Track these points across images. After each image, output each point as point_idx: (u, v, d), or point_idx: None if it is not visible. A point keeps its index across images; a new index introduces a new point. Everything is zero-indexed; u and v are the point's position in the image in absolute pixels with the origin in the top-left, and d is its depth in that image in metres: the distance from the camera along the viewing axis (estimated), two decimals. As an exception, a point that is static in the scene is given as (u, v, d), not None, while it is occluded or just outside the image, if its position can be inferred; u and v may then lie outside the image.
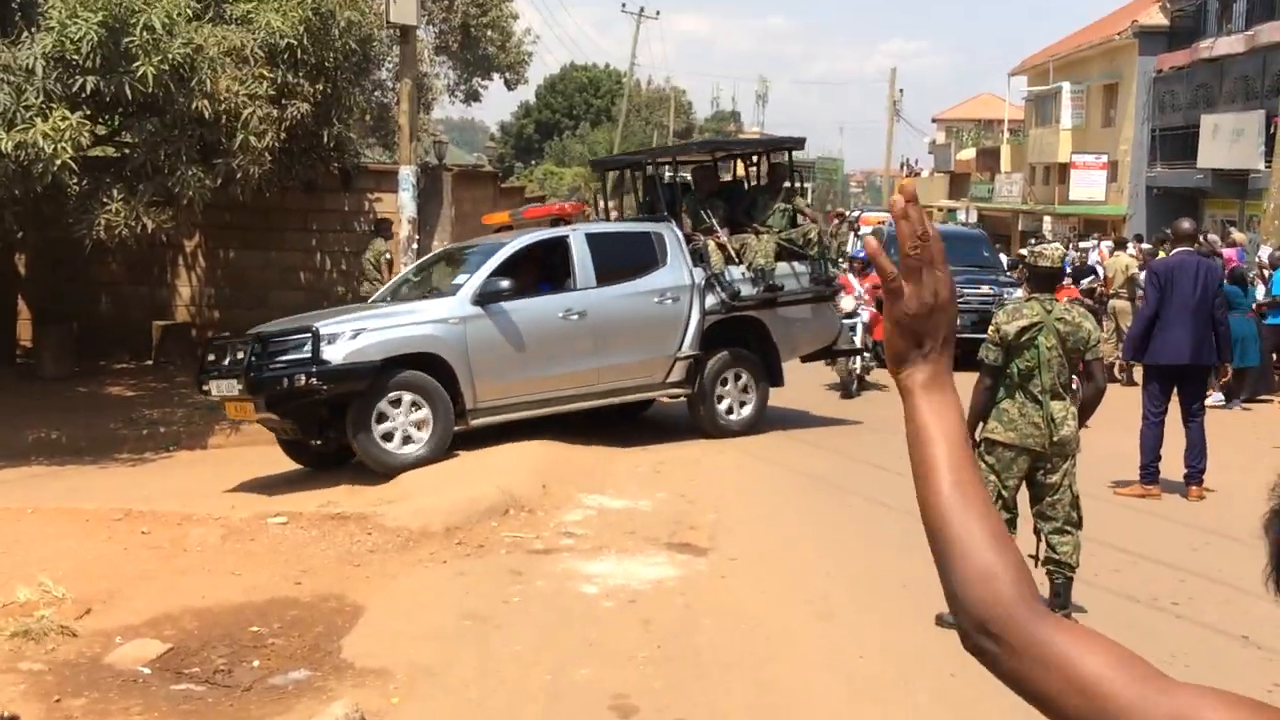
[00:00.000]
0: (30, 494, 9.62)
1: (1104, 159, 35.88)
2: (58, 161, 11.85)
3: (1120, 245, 19.11)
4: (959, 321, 7.58)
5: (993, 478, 6.29)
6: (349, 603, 6.73)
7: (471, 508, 8.53)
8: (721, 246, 11.71)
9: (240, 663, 5.89)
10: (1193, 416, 9.76)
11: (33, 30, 12.17)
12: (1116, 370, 14.88)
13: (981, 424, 6.40)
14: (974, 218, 40.77)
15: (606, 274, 11.25)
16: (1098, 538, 6.67)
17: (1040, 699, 1.15)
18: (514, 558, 7.66)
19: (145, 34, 13.69)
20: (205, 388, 10.38)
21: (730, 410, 11.80)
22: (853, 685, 5.58)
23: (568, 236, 11.38)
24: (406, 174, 17.24)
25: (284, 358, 9.79)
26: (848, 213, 28.11)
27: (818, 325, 12.64)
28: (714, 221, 12.06)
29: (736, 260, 11.77)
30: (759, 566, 7.49)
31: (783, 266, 12.06)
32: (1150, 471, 9.61)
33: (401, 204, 17.03)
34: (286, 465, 10.96)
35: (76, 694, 5.33)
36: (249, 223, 17.13)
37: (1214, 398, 12.87)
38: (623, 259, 11.45)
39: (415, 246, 17.54)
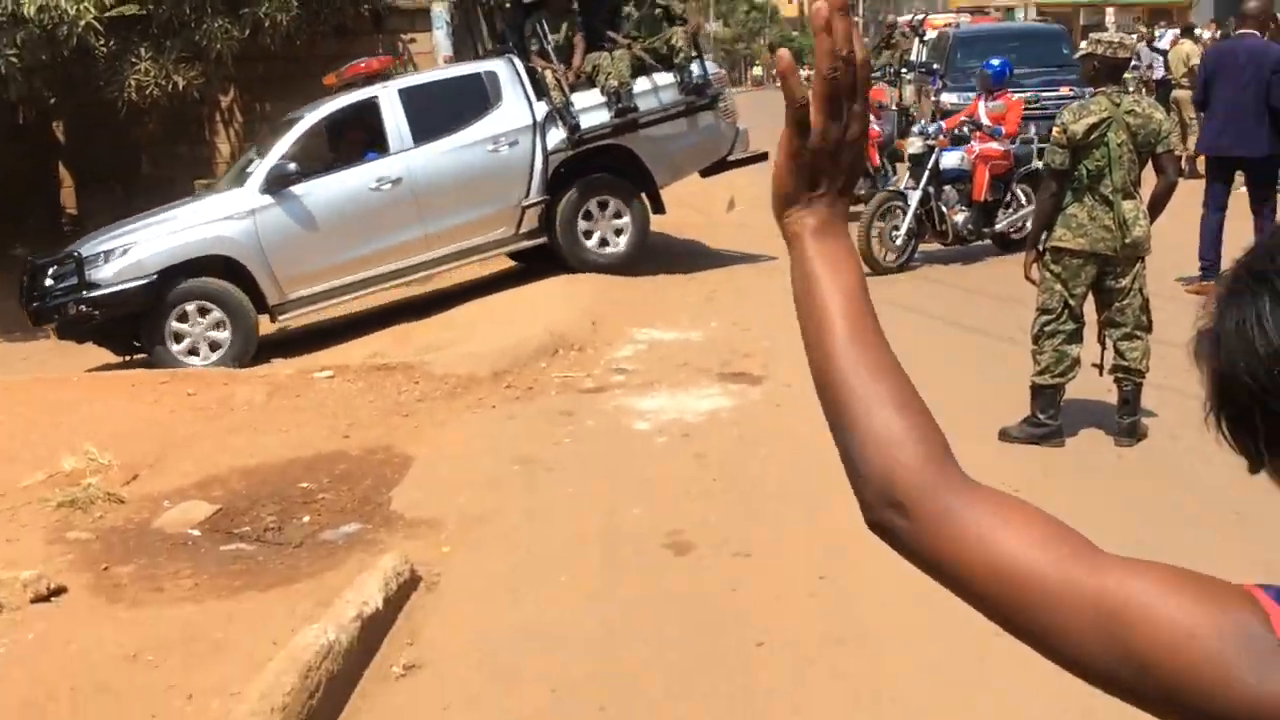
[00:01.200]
0: (78, 363, 9.59)
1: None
2: (81, 23, 11.58)
3: (1187, 32, 18.19)
4: (1031, 131, 7.10)
5: (1059, 288, 5.97)
6: (398, 454, 6.61)
7: (520, 350, 8.35)
8: (560, 74, 10.58)
9: (290, 520, 5.81)
10: (1259, 209, 9.36)
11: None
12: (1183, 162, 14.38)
13: (1046, 233, 6.05)
14: (1033, 15, 39.21)
15: (427, 130, 10.20)
16: (1163, 338, 6.35)
17: (954, 581, 0.98)
18: (564, 398, 7.50)
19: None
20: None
21: (605, 243, 10.82)
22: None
23: (375, 96, 10.26)
24: (439, 11, 16.71)
25: (57, 285, 9.34)
26: (899, 19, 26.40)
27: (701, 139, 11.33)
28: (548, 45, 10.84)
29: (591, 84, 10.66)
30: (813, 393, 7.26)
31: (642, 82, 10.83)
32: (1208, 267, 9.29)
33: (436, 43, 16.54)
34: (329, 313, 10.85)
35: (125, 560, 5.27)
36: (282, 73, 16.74)
37: None
38: (447, 110, 10.39)
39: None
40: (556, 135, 10.49)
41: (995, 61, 12.17)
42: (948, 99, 16.13)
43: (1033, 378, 6.08)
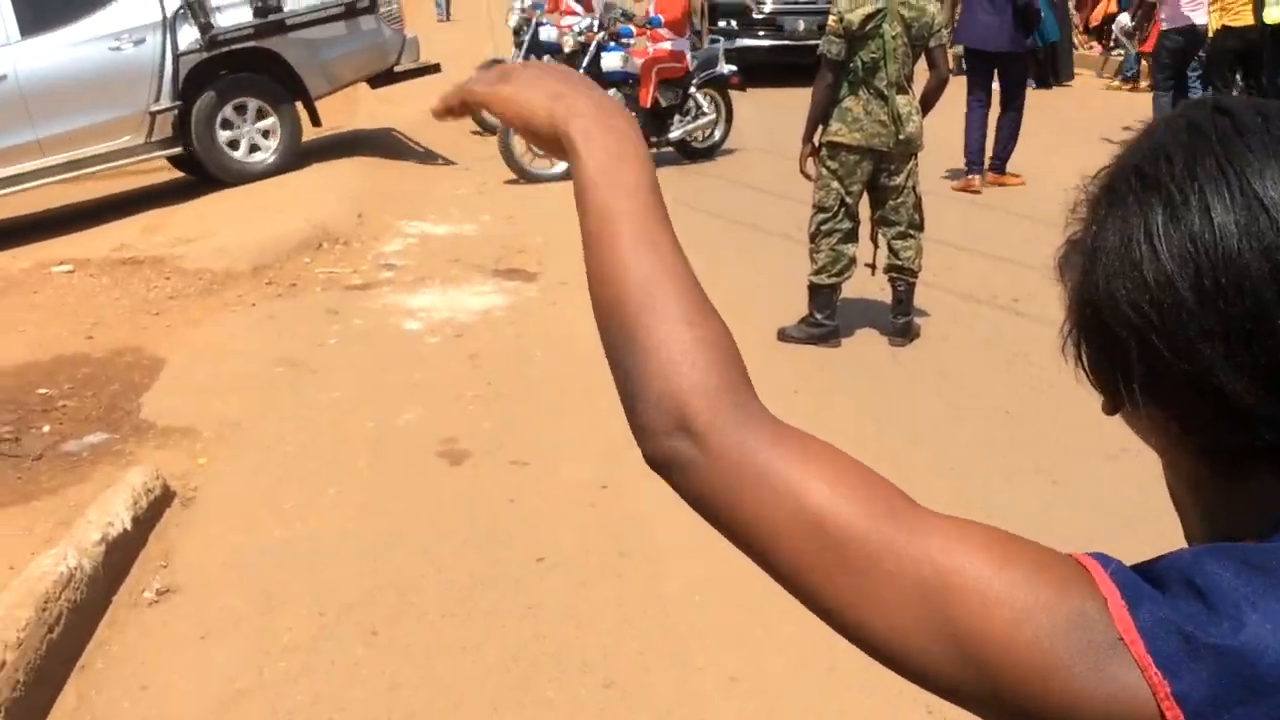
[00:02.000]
0: None
1: None
2: None
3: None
4: (800, 27, 6.96)
5: (836, 185, 5.93)
6: (147, 356, 6.16)
7: (281, 243, 7.91)
8: None
9: (28, 429, 5.33)
10: (1007, 106, 9.65)
11: None
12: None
13: (822, 127, 5.98)
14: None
15: (37, 22, 9.04)
16: (934, 235, 6.42)
17: (744, 530, 0.80)
18: (330, 295, 7.13)
19: None
20: None
21: (255, 150, 10.00)
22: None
23: None
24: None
25: None
26: None
27: (361, 46, 10.51)
28: None
29: None
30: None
31: None
32: (972, 162, 9.58)
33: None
34: (61, 198, 10.05)
35: None
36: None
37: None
38: (62, 1, 9.24)
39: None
40: (191, 34, 9.52)
41: None
42: None
43: (810, 277, 6.06)
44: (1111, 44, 15.86)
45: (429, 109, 1.07)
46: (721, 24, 15.34)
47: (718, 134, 11.08)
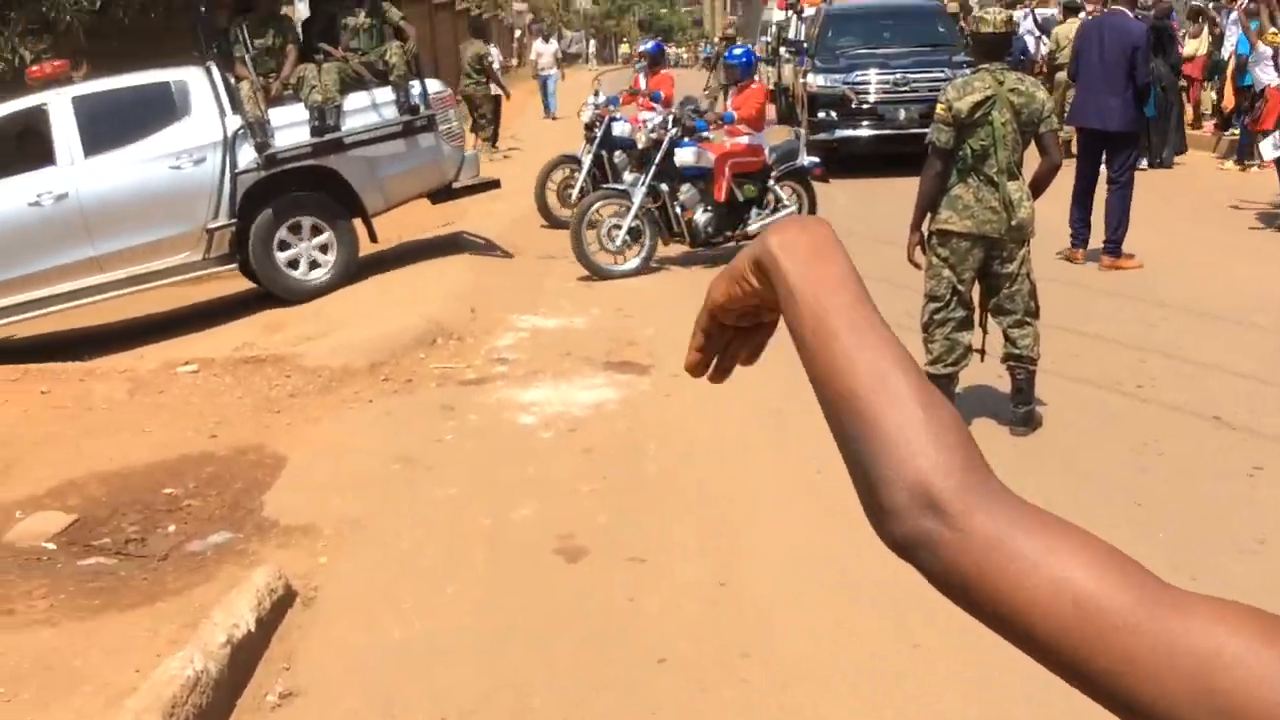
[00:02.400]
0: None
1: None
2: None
3: (1073, 10, 18.40)
4: (901, 116, 7.00)
5: (947, 273, 5.87)
6: (269, 454, 6.27)
7: (397, 340, 8.04)
8: (257, 86, 9.68)
9: (154, 529, 5.44)
10: (1113, 183, 9.58)
11: None
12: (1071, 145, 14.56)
13: (931, 215, 5.94)
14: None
15: (102, 142, 9.23)
16: (1050, 322, 6.31)
17: (1000, 607, 0.81)
18: (445, 391, 7.22)
19: None
20: None
21: (315, 266, 9.90)
22: (813, 499, 5.23)
23: (45, 104, 9.23)
24: (301, -14, 16.18)
25: None
26: None
27: (420, 163, 10.37)
28: (249, 53, 9.87)
29: (299, 98, 9.79)
30: (704, 382, 7.08)
31: (359, 98, 10.02)
32: (1076, 233, 9.60)
33: (298, 13, 16.02)
34: (190, 298, 10.33)
35: (-29, 581, 4.87)
36: (134, 50, 16.02)
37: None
38: (127, 121, 9.41)
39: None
40: (250, 153, 9.57)
41: (737, 51, 11.59)
42: (814, 80, 15.68)
43: (925, 367, 5.96)
44: (1228, 123, 15.54)
45: (684, 367, 1.10)
46: (821, 115, 15.10)
47: None
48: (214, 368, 7.68)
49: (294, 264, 9.84)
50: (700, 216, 10.18)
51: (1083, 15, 16.18)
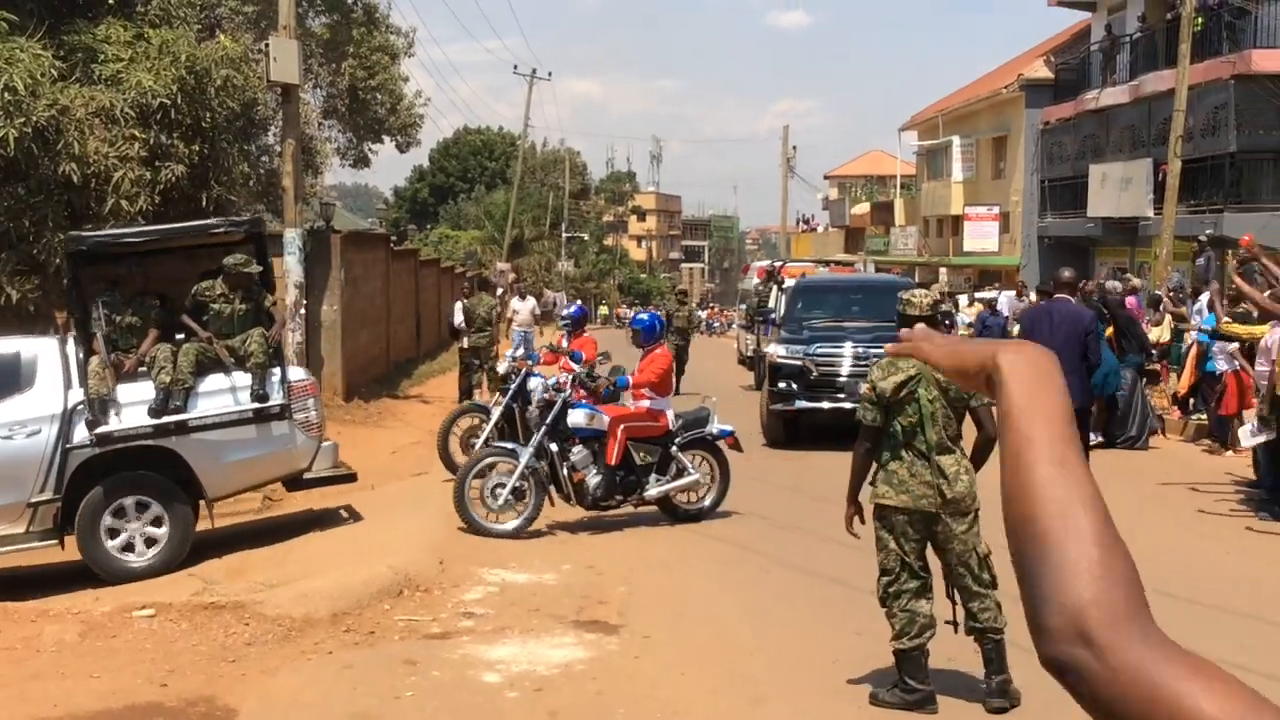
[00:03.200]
0: None
1: (996, 210, 36.31)
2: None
3: (1020, 295, 19.09)
4: (861, 390, 6.99)
5: (893, 545, 5.86)
6: (220, 706, 6.03)
7: (362, 590, 7.86)
8: (106, 362, 9.38)
9: (93, 783, 5.18)
10: None
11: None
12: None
13: (872, 489, 5.94)
14: (871, 271, 40.86)
15: None
16: (1011, 591, 6.21)
17: None
18: (408, 645, 7.00)
19: (7, 95, 13.04)
20: None
21: (152, 543, 9.37)
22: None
23: None
24: (291, 237, 16.62)
25: None
26: (773, 264, 27.45)
27: (270, 450, 10.02)
28: (99, 331, 9.58)
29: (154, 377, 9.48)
30: (675, 644, 6.92)
31: (218, 380, 9.78)
32: None
33: (287, 268, 16.37)
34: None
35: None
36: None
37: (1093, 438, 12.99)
38: None
39: (303, 312, 16.88)
40: (83, 430, 9.23)
41: (643, 316, 11.65)
42: (777, 350, 15.61)
43: (891, 642, 5.87)
44: (1191, 410, 15.72)
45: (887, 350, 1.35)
46: (781, 385, 14.96)
47: (709, 499, 10.62)
48: (170, 613, 7.47)
49: (130, 546, 9.34)
50: (591, 479, 10.03)
51: (1024, 302, 16.84)
